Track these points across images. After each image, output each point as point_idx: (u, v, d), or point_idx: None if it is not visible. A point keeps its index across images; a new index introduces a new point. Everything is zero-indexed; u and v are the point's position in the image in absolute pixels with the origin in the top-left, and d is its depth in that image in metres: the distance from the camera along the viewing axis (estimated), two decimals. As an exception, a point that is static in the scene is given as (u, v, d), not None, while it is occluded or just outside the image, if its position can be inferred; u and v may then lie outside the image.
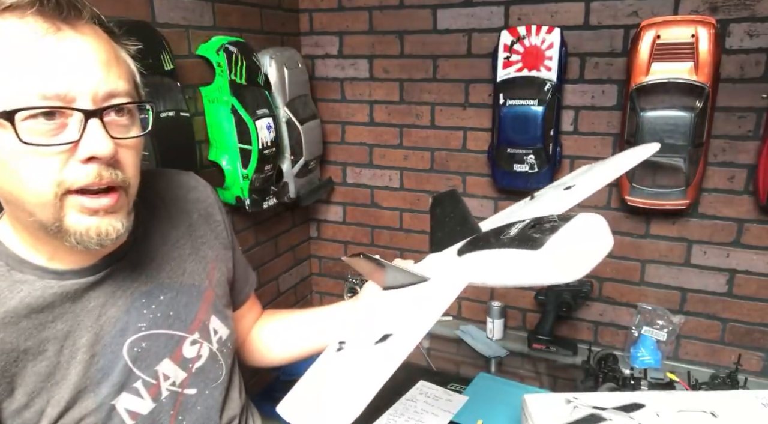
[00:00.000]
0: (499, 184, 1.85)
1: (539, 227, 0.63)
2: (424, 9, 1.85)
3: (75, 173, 0.59)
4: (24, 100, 0.56)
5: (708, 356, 1.78)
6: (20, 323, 0.64)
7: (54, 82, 0.56)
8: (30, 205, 0.60)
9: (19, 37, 0.55)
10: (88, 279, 0.70)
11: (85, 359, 0.69)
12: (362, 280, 2.03)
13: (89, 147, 0.59)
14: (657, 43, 1.48)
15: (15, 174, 0.58)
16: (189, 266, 0.83)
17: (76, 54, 0.58)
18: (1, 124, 0.56)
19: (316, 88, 2.06)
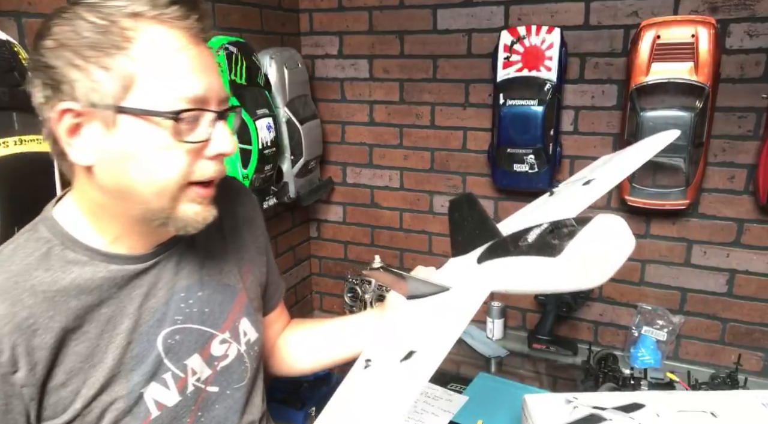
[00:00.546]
0: (499, 184, 1.85)
1: (557, 232, 0.61)
2: (424, 9, 1.85)
3: (204, 168, 0.67)
4: (173, 102, 0.62)
5: (708, 356, 1.78)
6: (69, 302, 0.66)
7: (195, 87, 0.63)
8: (150, 195, 0.65)
9: (169, 44, 0.62)
10: (136, 266, 0.72)
11: (122, 344, 0.71)
12: (362, 280, 2.03)
13: (219, 145, 0.67)
14: (657, 43, 1.48)
15: (149, 167, 0.64)
16: (226, 266, 0.85)
17: (208, 63, 0.66)
18: (154, 122, 0.62)
19: (316, 88, 2.06)
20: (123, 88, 0.61)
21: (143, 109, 0.61)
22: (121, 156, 0.63)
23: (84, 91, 0.61)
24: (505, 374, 1.74)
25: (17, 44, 1.00)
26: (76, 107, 0.62)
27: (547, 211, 0.84)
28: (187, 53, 0.63)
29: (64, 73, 0.61)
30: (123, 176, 0.64)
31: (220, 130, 0.67)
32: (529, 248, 0.62)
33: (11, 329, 0.62)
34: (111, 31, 0.60)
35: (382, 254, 2.11)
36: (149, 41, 0.61)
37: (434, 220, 2.05)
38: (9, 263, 0.66)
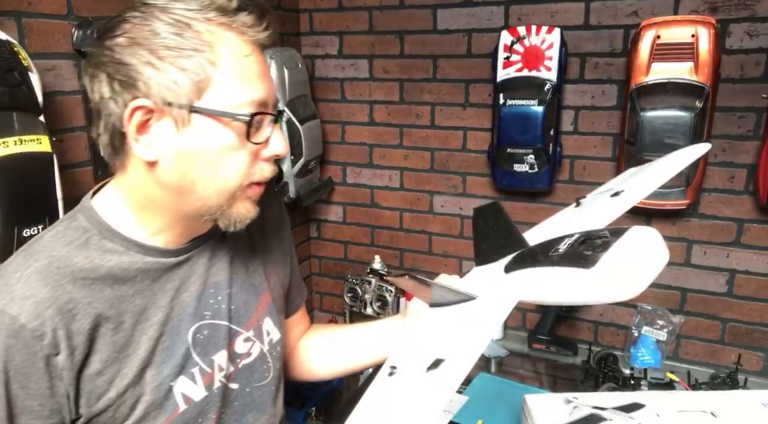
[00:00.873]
0: (499, 184, 1.85)
1: (590, 242, 0.60)
2: (424, 9, 1.85)
3: (263, 169, 0.71)
4: (243, 105, 0.65)
5: (708, 356, 1.78)
6: (105, 291, 0.68)
7: (261, 92, 0.67)
8: (211, 193, 0.68)
9: (241, 52, 0.65)
10: (170, 260, 0.74)
11: (154, 337, 0.72)
12: (362, 280, 2.03)
13: (276, 147, 0.70)
14: (657, 43, 1.48)
15: (216, 166, 0.67)
16: (252, 265, 0.87)
17: (267, 69, 0.70)
18: (226, 122, 0.65)
19: (316, 88, 2.06)
20: (198, 89, 0.63)
21: (217, 111, 0.64)
22: (190, 154, 0.66)
23: (158, 89, 0.63)
24: (505, 374, 1.74)
25: (17, 44, 1.00)
26: (149, 104, 0.63)
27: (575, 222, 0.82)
28: (254, 59, 0.66)
29: (139, 71, 0.63)
30: (188, 173, 0.67)
31: (277, 133, 0.70)
32: (560, 258, 0.61)
33: (53, 313, 0.63)
34: (187, 34, 0.63)
35: (382, 254, 2.11)
36: (225, 46, 0.64)
37: (434, 220, 2.05)
38: (51, 249, 0.67)
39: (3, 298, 0.63)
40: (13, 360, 0.63)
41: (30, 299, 0.63)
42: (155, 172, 0.67)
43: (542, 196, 1.86)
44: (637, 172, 0.92)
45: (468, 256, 2.02)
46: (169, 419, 0.74)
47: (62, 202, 1.04)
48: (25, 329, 0.62)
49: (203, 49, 0.63)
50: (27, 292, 0.63)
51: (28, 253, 0.67)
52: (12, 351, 0.62)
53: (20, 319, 0.62)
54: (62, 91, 1.23)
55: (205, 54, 0.63)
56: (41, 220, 1.01)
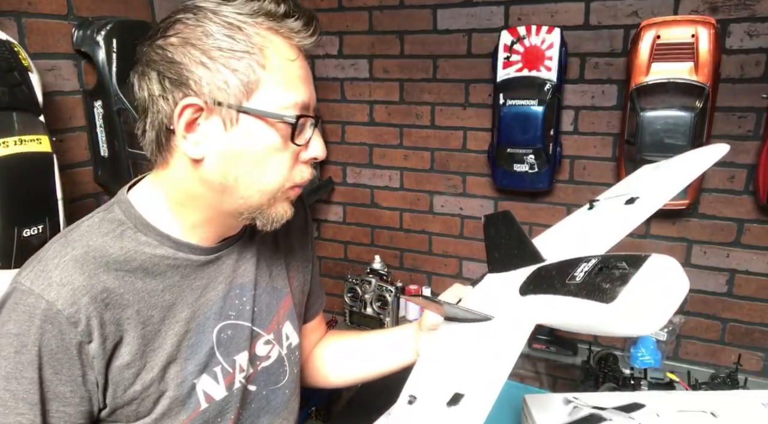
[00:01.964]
0: (499, 184, 1.85)
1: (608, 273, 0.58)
2: (424, 9, 1.85)
3: (303, 171, 0.72)
4: (288, 107, 0.67)
5: (708, 356, 1.79)
6: (137, 283, 0.69)
7: (304, 95, 0.69)
8: (253, 192, 0.69)
9: (288, 54, 0.68)
10: (200, 258, 0.75)
11: (180, 333, 0.73)
12: (362, 280, 2.03)
13: (315, 150, 0.72)
14: (657, 43, 1.48)
15: (260, 166, 0.68)
16: (276, 269, 0.88)
17: (309, 75, 0.72)
18: (272, 123, 0.67)
19: (316, 88, 2.05)
20: (247, 90, 0.65)
21: (265, 112, 0.66)
22: (235, 153, 0.67)
23: (209, 88, 0.64)
24: (505, 374, 1.74)
25: (17, 44, 1.00)
26: (199, 103, 0.65)
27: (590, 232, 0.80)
28: (299, 64, 0.69)
29: (190, 70, 0.65)
30: (232, 172, 0.68)
31: (317, 137, 0.71)
32: (578, 289, 0.60)
33: (88, 301, 0.65)
34: (239, 37, 0.65)
35: (382, 254, 2.11)
36: (273, 50, 0.66)
37: (434, 220, 2.05)
38: (87, 238, 0.68)
39: (41, 283, 0.64)
40: (48, 345, 0.63)
41: (67, 285, 0.64)
42: (199, 170, 0.69)
43: (542, 196, 1.86)
44: (652, 173, 0.88)
45: (468, 256, 2.02)
46: (190, 417, 0.75)
47: (62, 202, 1.05)
48: (61, 314, 0.63)
49: (253, 51, 0.65)
50: (64, 279, 0.64)
51: (66, 241, 0.68)
52: (47, 336, 0.63)
53: (57, 305, 0.63)
54: (62, 91, 1.23)
55: (255, 56, 0.65)
56: (41, 220, 1.01)
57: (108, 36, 1.23)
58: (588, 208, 0.86)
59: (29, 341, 0.63)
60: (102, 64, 1.23)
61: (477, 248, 2.00)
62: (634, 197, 0.78)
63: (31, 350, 0.63)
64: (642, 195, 0.78)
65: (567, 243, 0.79)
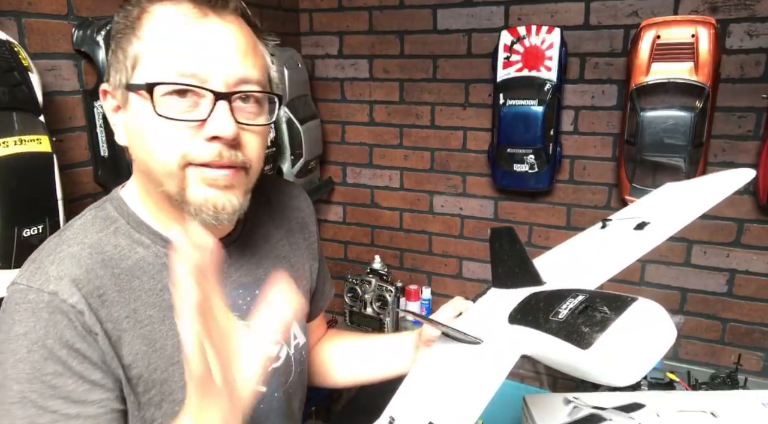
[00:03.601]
0: (499, 184, 1.85)
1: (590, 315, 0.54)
2: (424, 9, 1.85)
3: (198, 149, 0.64)
4: (164, 76, 0.62)
5: (708, 356, 1.78)
6: (132, 282, 0.68)
7: (192, 62, 0.62)
8: (158, 174, 0.65)
9: (172, 21, 0.63)
10: None
11: None
12: (362, 280, 2.03)
13: (214, 127, 0.63)
14: (657, 43, 1.48)
15: (147, 144, 0.65)
16: (282, 268, 0.86)
17: (217, 39, 0.63)
18: (143, 96, 0.63)
19: (316, 88, 2.06)
20: (132, 67, 0.64)
21: (135, 84, 0.63)
22: (133, 135, 0.66)
23: (113, 73, 0.66)
24: (505, 374, 1.74)
25: (17, 44, 1.00)
26: (108, 88, 0.67)
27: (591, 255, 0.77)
28: (192, 29, 0.62)
29: (108, 58, 0.68)
30: (138, 155, 0.67)
31: (219, 112, 0.63)
32: (558, 328, 0.57)
33: (87, 293, 0.64)
34: (131, 14, 0.64)
35: (382, 254, 2.11)
36: (153, 19, 0.63)
37: (434, 220, 2.05)
38: (82, 236, 0.67)
39: (39, 279, 0.63)
40: (63, 337, 0.62)
41: (65, 278, 0.63)
42: (133, 158, 0.69)
43: (542, 196, 1.86)
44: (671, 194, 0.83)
45: (468, 256, 2.02)
46: None
47: (62, 202, 1.04)
48: (66, 303, 0.62)
49: (134, 26, 0.64)
50: (62, 272, 0.63)
51: (61, 239, 0.67)
52: (59, 327, 0.62)
53: (59, 295, 0.62)
54: (62, 91, 1.23)
55: (135, 30, 0.64)
56: (41, 220, 1.01)
57: (108, 36, 1.23)
58: (600, 226, 0.84)
59: (39, 336, 0.61)
60: (102, 64, 1.23)
61: (477, 248, 2.00)
62: (644, 222, 0.74)
63: (45, 345, 0.61)
64: (654, 220, 0.74)
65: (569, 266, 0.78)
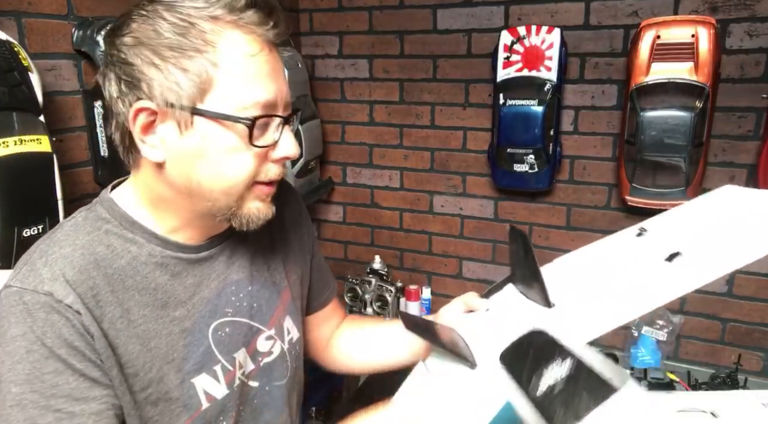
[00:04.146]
0: (499, 184, 1.85)
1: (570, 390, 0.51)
2: (424, 9, 1.85)
3: (269, 170, 0.69)
4: (248, 107, 0.64)
5: (708, 356, 1.78)
6: (126, 282, 0.68)
7: (267, 93, 0.65)
8: (218, 194, 0.67)
9: (246, 52, 0.63)
10: (190, 256, 0.74)
11: (175, 332, 0.71)
12: (362, 280, 2.03)
13: (286, 150, 0.69)
14: (657, 43, 1.48)
15: (219, 167, 0.66)
16: (273, 263, 0.86)
17: (278, 70, 0.68)
18: (226, 125, 0.64)
19: (316, 88, 2.06)
20: (200, 90, 0.62)
21: (219, 114, 0.63)
22: (194, 156, 0.65)
23: (161, 90, 0.62)
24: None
25: (17, 44, 1.00)
26: (152, 106, 0.63)
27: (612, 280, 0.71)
28: (261, 59, 0.64)
29: (142, 71, 0.62)
30: (193, 175, 0.66)
31: (286, 135, 0.68)
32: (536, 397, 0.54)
33: (82, 292, 0.64)
34: (191, 33, 0.61)
35: (382, 254, 2.11)
36: (228, 46, 0.62)
37: (434, 220, 2.05)
38: (74, 238, 0.67)
39: (32, 281, 0.62)
40: (61, 335, 0.61)
41: (59, 279, 0.63)
42: (164, 173, 0.67)
43: (542, 196, 1.86)
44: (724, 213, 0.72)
45: (468, 256, 2.02)
46: (192, 417, 0.73)
47: (62, 202, 1.05)
48: (62, 303, 0.62)
49: (205, 49, 0.62)
50: (55, 273, 0.63)
51: (51, 241, 0.67)
52: (57, 326, 0.61)
53: (55, 295, 0.62)
54: (62, 91, 1.23)
55: (207, 54, 0.62)
56: (41, 220, 1.01)
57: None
58: (636, 234, 0.77)
59: (37, 335, 0.60)
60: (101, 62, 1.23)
61: (477, 248, 2.00)
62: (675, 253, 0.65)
63: (44, 344, 0.60)
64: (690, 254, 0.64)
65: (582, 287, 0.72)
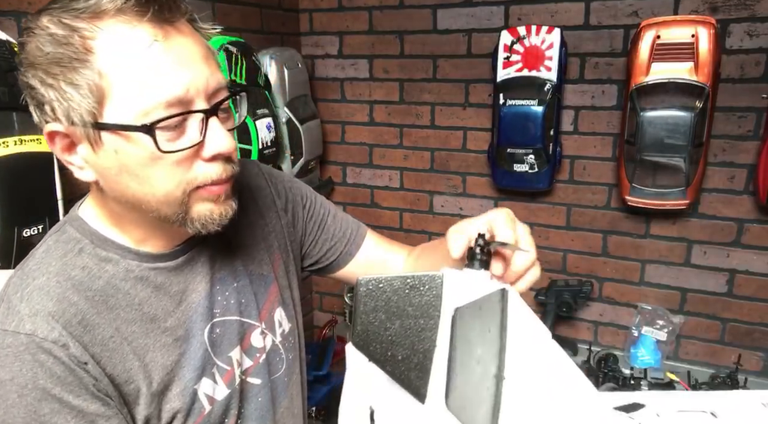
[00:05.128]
0: (499, 184, 1.85)
1: None
2: (424, 9, 1.85)
3: (203, 172, 0.61)
4: (150, 110, 0.56)
5: (708, 356, 1.78)
6: (108, 301, 0.65)
7: (174, 89, 0.56)
8: (157, 204, 0.62)
9: (133, 47, 0.55)
10: (167, 264, 0.70)
11: (169, 342, 0.69)
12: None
13: (215, 146, 0.60)
14: (657, 43, 1.48)
15: (144, 180, 0.60)
16: (258, 255, 0.83)
17: (186, 55, 0.58)
18: (130, 137, 0.57)
19: (316, 88, 2.06)
20: (98, 103, 0.56)
21: (119, 125, 0.56)
22: (117, 172, 0.60)
23: (62, 111, 0.57)
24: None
25: (17, 44, 1.00)
26: (60, 128, 0.58)
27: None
28: (157, 50, 0.56)
29: (42, 94, 0.57)
30: (126, 190, 0.62)
31: (213, 129, 0.60)
32: None
33: (65, 323, 0.61)
34: (71, 42, 0.55)
35: (382, 254, 2.10)
36: (109, 47, 0.55)
37: (434, 220, 2.05)
38: (46, 265, 0.64)
39: (12, 320, 0.60)
40: (53, 374, 0.59)
41: (39, 314, 0.60)
42: (104, 190, 0.63)
43: (542, 196, 1.86)
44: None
45: (468, 256, 2.02)
46: (196, 422, 0.72)
47: (62, 202, 1.05)
48: (47, 341, 0.59)
49: (86, 57, 0.54)
50: (34, 308, 0.60)
51: (24, 273, 0.64)
52: (47, 366, 0.59)
53: (38, 334, 0.59)
54: (62, 91, 1.23)
55: (89, 63, 0.55)
56: (41, 220, 1.01)
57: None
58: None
59: (27, 379, 0.58)
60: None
61: (477, 248, 2.00)
62: None
63: (36, 386, 0.59)
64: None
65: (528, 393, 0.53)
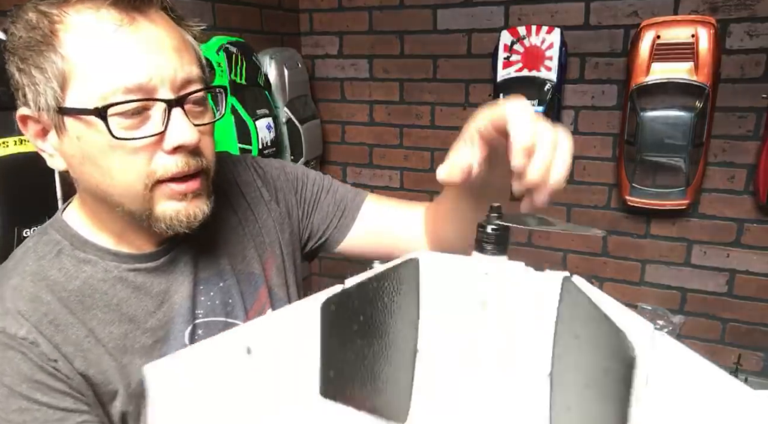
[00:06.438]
0: (499, 184, 1.84)
1: None
2: (424, 9, 1.85)
3: (163, 164, 0.59)
4: (108, 95, 0.56)
5: (708, 356, 1.74)
6: (85, 301, 0.64)
7: (135, 75, 0.56)
8: (119, 197, 0.61)
9: (98, 32, 0.55)
10: (147, 265, 0.69)
11: (148, 345, 0.68)
12: (362, 280, 2.03)
13: (175, 137, 0.58)
14: (657, 43, 1.48)
15: (105, 169, 0.59)
16: (249, 252, 0.80)
17: (153, 43, 0.57)
18: (86, 120, 0.57)
19: (316, 88, 2.06)
20: (60, 87, 0.56)
21: (78, 109, 0.56)
22: (80, 161, 0.60)
23: (32, 95, 0.58)
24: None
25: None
26: (29, 113, 0.59)
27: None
28: (121, 35, 0.56)
29: (16, 79, 0.59)
30: (90, 180, 0.61)
31: (176, 120, 0.58)
32: None
33: (36, 322, 0.60)
34: (39, 26, 0.56)
35: (382, 254, 2.10)
36: (77, 33, 0.55)
37: (434, 220, 2.04)
38: (23, 265, 0.64)
39: None
40: (20, 372, 0.59)
41: (9, 312, 0.60)
42: (77, 182, 0.64)
43: (542, 196, 1.86)
44: None
45: (468, 256, 2.02)
46: None
47: (62, 202, 1.04)
48: (15, 338, 0.59)
49: (51, 40, 0.55)
50: (5, 306, 0.60)
51: (1, 274, 0.64)
52: (15, 363, 0.59)
53: (7, 330, 0.59)
54: (62, 91, 1.23)
55: (53, 46, 0.55)
56: (41, 220, 1.00)
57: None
58: None
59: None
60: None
61: (477, 248, 2.00)
62: None
63: (2, 383, 0.58)
64: None
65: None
